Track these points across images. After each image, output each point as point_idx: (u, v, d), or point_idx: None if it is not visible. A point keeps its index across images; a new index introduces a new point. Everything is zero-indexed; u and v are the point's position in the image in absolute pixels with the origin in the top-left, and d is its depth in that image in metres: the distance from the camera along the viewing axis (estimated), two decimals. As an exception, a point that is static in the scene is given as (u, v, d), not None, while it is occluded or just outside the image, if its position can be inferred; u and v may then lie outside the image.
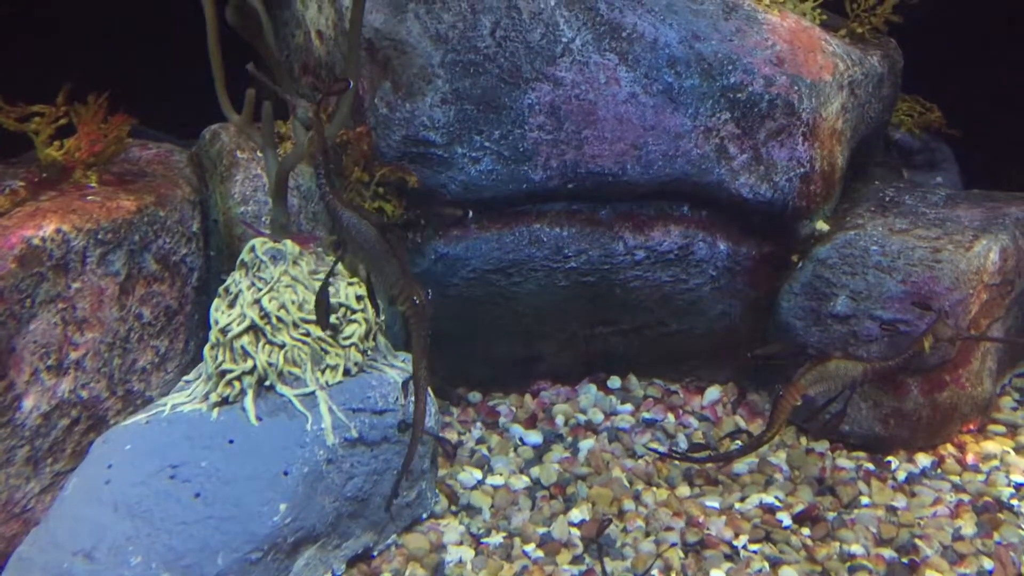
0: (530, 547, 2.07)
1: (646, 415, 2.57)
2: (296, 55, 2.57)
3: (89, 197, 1.88)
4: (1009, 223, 2.55)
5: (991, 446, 2.48)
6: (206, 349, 1.87)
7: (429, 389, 2.01)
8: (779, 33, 2.52)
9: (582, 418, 2.55)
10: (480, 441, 2.44)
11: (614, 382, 2.67)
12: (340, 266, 2.02)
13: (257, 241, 1.93)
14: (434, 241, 2.40)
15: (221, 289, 1.91)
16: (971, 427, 2.54)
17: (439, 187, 2.36)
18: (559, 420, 2.54)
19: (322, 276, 1.95)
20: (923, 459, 2.43)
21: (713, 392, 2.66)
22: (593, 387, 2.64)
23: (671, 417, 2.57)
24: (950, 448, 2.47)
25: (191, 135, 2.57)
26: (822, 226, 2.59)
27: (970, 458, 2.45)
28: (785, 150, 2.49)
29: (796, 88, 2.47)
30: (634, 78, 2.41)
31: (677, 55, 2.43)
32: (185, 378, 1.95)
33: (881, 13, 2.76)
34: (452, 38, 2.32)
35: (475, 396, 2.61)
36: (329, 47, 2.45)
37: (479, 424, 2.50)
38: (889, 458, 2.43)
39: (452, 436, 2.44)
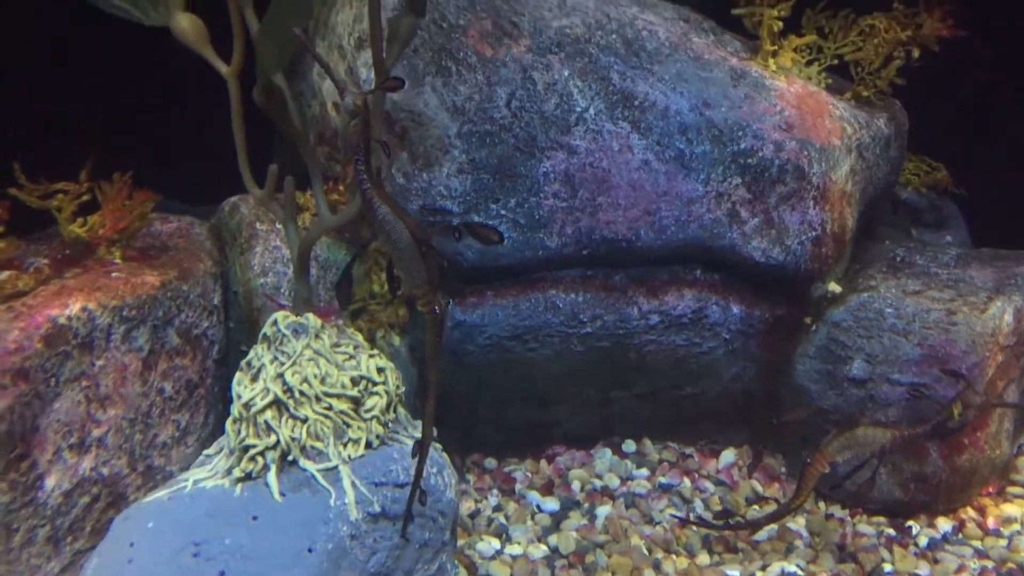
0: (551, 620, 2.05)
1: (662, 479, 2.56)
2: (312, 125, 2.61)
3: (114, 274, 1.90)
4: (1022, 283, 2.57)
5: (1011, 509, 2.47)
6: (228, 423, 1.87)
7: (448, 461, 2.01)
8: (787, 99, 2.57)
9: (598, 483, 2.53)
10: (497, 509, 2.43)
11: (629, 446, 2.66)
12: (362, 337, 2.03)
13: (279, 315, 1.94)
14: (451, 309, 2.42)
15: (243, 363, 1.92)
16: (990, 490, 2.52)
17: (456, 255, 2.39)
18: (575, 486, 2.52)
19: (344, 349, 1.96)
20: (944, 524, 2.41)
21: (728, 455, 2.65)
22: (608, 451, 2.63)
23: (687, 481, 2.56)
24: (970, 512, 2.46)
25: (209, 199, 2.61)
26: (834, 287, 2.61)
27: (991, 522, 2.43)
28: (796, 214, 2.52)
29: (806, 153, 2.51)
30: (647, 145, 2.45)
31: (688, 122, 2.47)
32: (206, 452, 1.94)
33: (885, 76, 2.81)
34: (469, 109, 2.36)
35: (491, 462, 2.60)
36: (345, 118, 2.50)
37: (495, 491, 2.49)
38: (910, 523, 2.41)
39: (469, 504, 2.42)
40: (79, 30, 2.21)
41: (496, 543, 2.29)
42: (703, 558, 2.28)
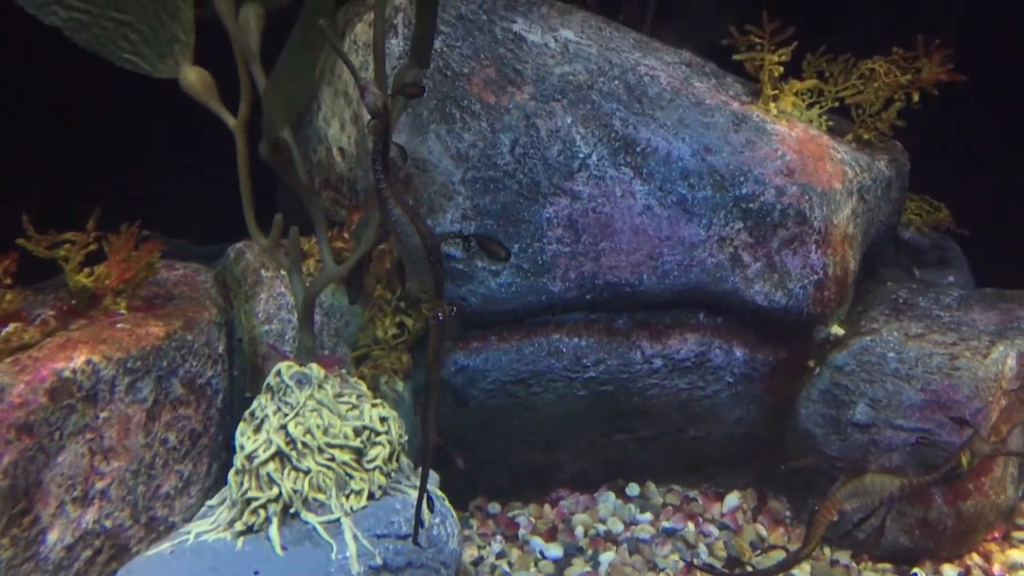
0: (555, 672, 2.03)
1: (666, 524, 2.54)
2: (318, 169, 2.63)
3: (119, 325, 1.91)
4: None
5: (1017, 555, 2.45)
6: (231, 474, 1.87)
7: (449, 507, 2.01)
8: (788, 143, 2.59)
9: (602, 528, 2.52)
10: (500, 555, 2.42)
11: (633, 489, 2.65)
12: (365, 387, 2.04)
13: (283, 365, 1.95)
14: (454, 353, 2.42)
15: (247, 413, 1.92)
16: (996, 535, 2.51)
17: (459, 300, 2.39)
18: (579, 531, 2.51)
19: (347, 399, 1.96)
20: (950, 570, 2.39)
21: (732, 499, 2.64)
22: (612, 495, 2.63)
23: (691, 526, 2.55)
24: (976, 558, 2.44)
25: (220, 238, 2.62)
26: (837, 330, 2.61)
27: (997, 568, 2.41)
28: (798, 258, 2.52)
29: (807, 197, 2.53)
30: (649, 191, 2.47)
31: (690, 168, 2.49)
32: (208, 503, 1.94)
33: (886, 118, 2.82)
34: (472, 156, 2.38)
35: (495, 507, 2.59)
36: (351, 163, 2.52)
37: (499, 537, 2.48)
38: (915, 570, 2.40)
39: (472, 551, 2.41)
40: (86, 76, 2.23)
41: (499, 591, 2.28)
42: (708, 606, 2.27)
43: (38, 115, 2.58)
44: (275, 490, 1.80)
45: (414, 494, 1.99)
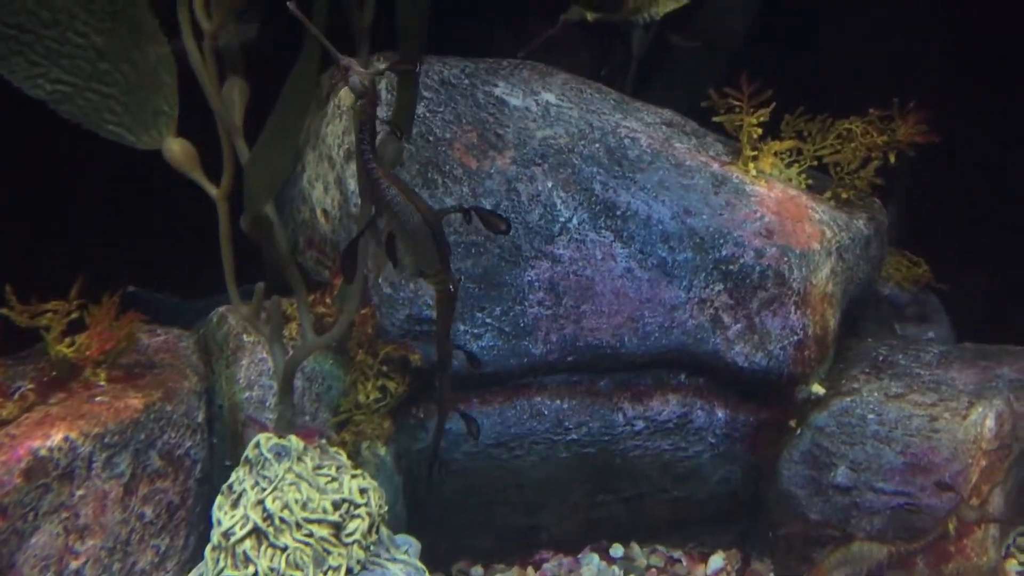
0: None
1: (651, 586, 2.54)
2: (301, 229, 2.65)
3: (98, 398, 1.91)
4: (1002, 385, 2.59)
5: (1001, 617, 2.45)
6: (207, 550, 1.86)
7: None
8: (767, 205, 2.62)
9: (586, 591, 2.51)
10: (483, 620, 2.40)
11: (616, 550, 2.65)
12: (345, 456, 2.03)
13: (262, 437, 1.95)
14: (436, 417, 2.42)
15: (225, 487, 1.92)
16: (979, 597, 2.50)
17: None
18: (563, 594, 2.50)
19: (327, 471, 1.96)
20: (933, 634, 2.39)
21: (717, 560, 2.64)
22: (595, 556, 2.62)
23: (676, 588, 2.54)
24: (960, 621, 2.43)
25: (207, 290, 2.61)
26: (818, 389, 2.62)
27: (981, 631, 2.41)
28: (778, 319, 2.54)
29: (786, 259, 2.55)
30: (629, 253, 2.49)
31: (670, 230, 2.52)
32: (185, 577, 1.93)
33: (864, 176, 2.85)
34: (454, 221, 2.40)
35: (477, 570, 2.58)
36: (334, 225, 2.54)
37: (482, 601, 2.47)
38: (899, 634, 2.39)
39: (455, 617, 2.40)
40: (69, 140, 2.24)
41: (481, 659, 2.26)
42: (690, 674, 2.25)
43: (21, 180, 2.60)
44: (251, 568, 1.79)
45: (393, 567, 1.98)
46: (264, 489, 1.86)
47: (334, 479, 1.94)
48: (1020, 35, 3.18)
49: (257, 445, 1.93)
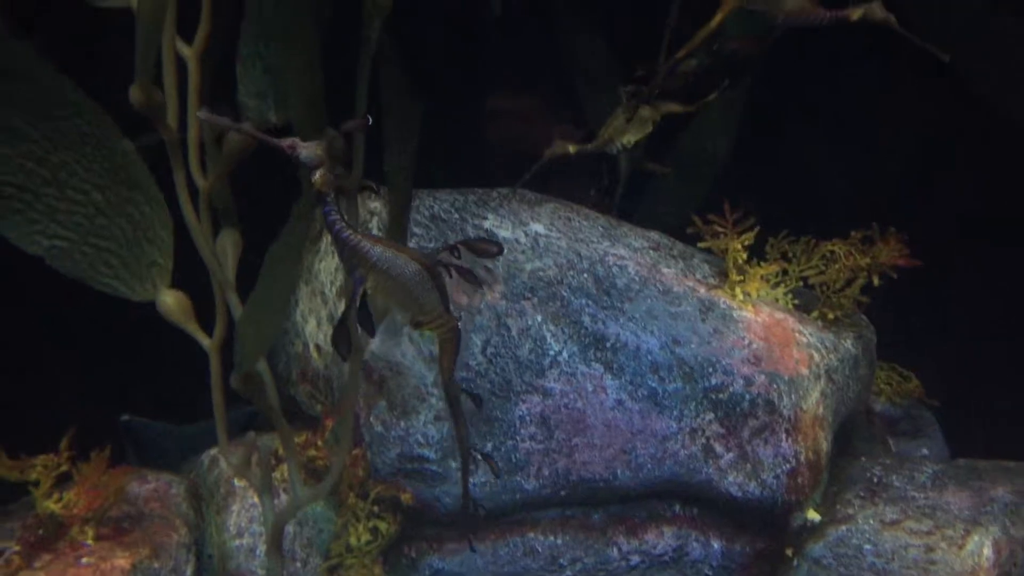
0: None
1: None
2: (295, 362, 2.67)
3: (84, 559, 1.89)
4: (998, 510, 2.58)
5: None
6: None
7: None
8: (754, 330, 2.65)
9: None
10: None
11: None
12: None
13: (251, 595, 1.93)
14: (429, 556, 2.41)
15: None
16: None
17: (433, 501, 2.39)
18: None
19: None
20: None
21: None
22: None
23: None
24: None
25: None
26: (813, 515, 2.61)
27: None
28: (770, 448, 2.55)
29: (775, 386, 2.57)
30: (620, 385, 2.51)
31: (659, 361, 2.54)
32: None
33: (850, 295, 2.89)
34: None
35: None
36: (327, 360, 2.56)
37: None
38: None
39: None
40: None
41: None
42: None
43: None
44: None
45: None
46: (253, 654, 1.84)
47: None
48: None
49: (246, 605, 1.91)
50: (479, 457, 1.98)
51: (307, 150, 1.54)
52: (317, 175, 1.54)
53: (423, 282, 1.65)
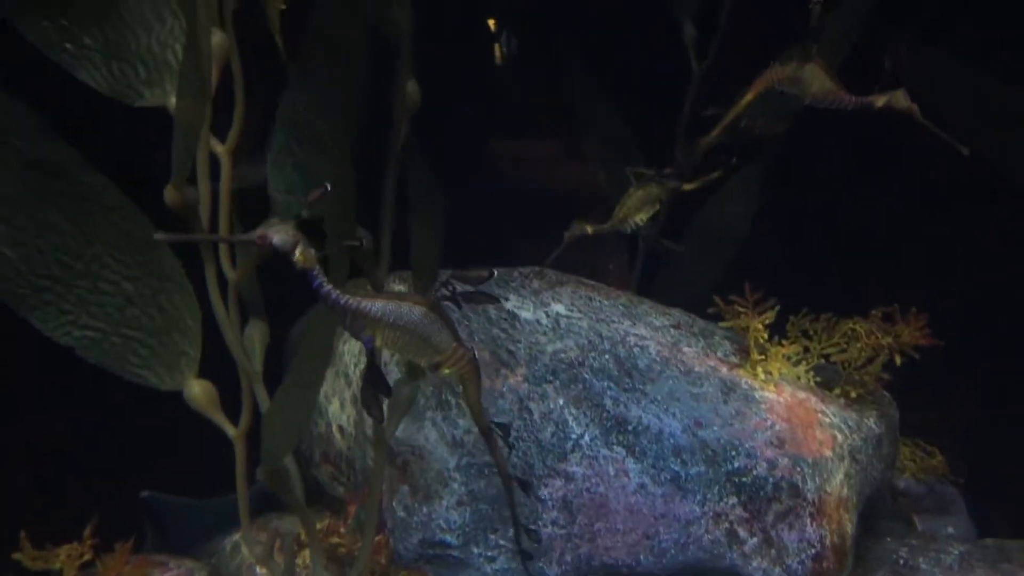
0: None
1: None
2: (317, 443, 2.68)
3: (107, 658, 1.90)
4: (1027, 597, 2.54)
5: None
6: None
7: None
8: (777, 411, 2.64)
9: None
10: None
11: None
12: None
13: None
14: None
15: None
16: None
17: (454, 588, 2.38)
18: None
19: None
20: None
21: None
22: None
23: None
24: None
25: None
26: (839, 601, 2.57)
27: None
28: (794, 532, 2.52)
29: (799, 468, 2.55)
30: (642, 469, 2.50)
31: (682, 444, 2.53)
32: None
33: (872, 372, 2.89)
34: (467, 443, 2.43)
35: None
36: (349, 442, 2.57)
37: None
38: None
39: None
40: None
41: None
42: None
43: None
44: None
45: None
46: None
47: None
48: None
49: None
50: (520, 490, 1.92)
51: (279, 235, 1.54)
52: (297, 254, 1.54)
53: (431, 324, 1.63)
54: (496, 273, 1.80)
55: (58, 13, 2.01)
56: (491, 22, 3.21)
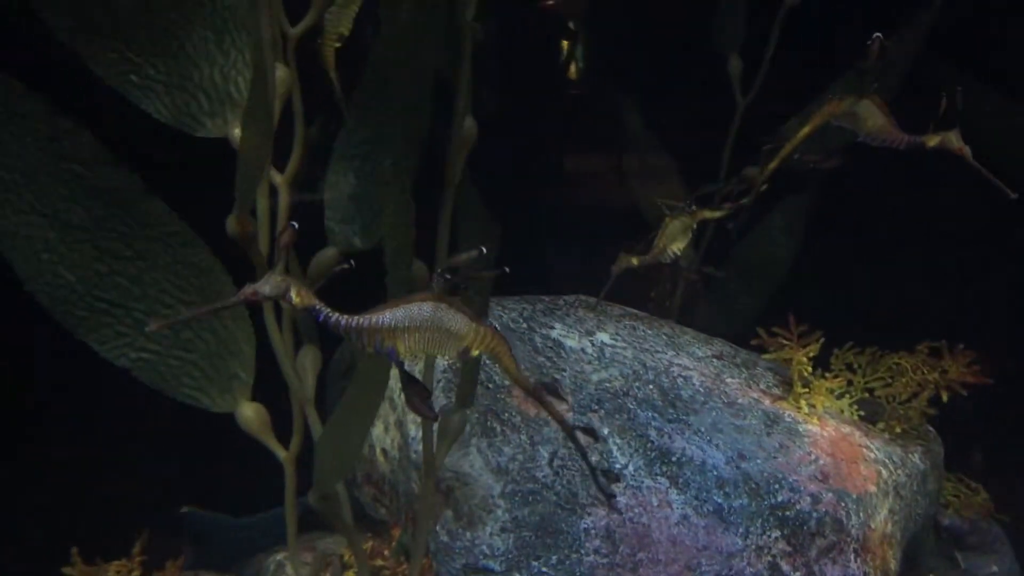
0: None
1: None
2: (360, 465, 2.71)
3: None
4: (1077, 642, 2.49)
5: None
6: None
7: None
8: (821, 446, 2.63)
9: None
10: None
11: None
12: None
13: None
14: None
15: None
16: None
17: (495, 616, 2.39)
18: None
19: None
20: None
21: None
22: None
23: None
24: None
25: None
26: (883, 639, 2.54)
27: None
28: (838, 567, 2.50)
29: (843, 504, 2.53)
30: (685, 500, 2.49)
31: (725, 476, 2.53)
32: None
33: (917, 406, 2.86)
34: (512, 469, 2.45)
35: None
36: (393, 465, 2.60)
37: None
38: None
39: None
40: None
41: None
42: None
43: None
44: None
45: None
46: None
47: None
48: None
49: None
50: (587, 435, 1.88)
51: (268, 286, 1.54)
52: (293, 296, 1.54)
53: (444, 313, 1.62)
54: (485, 250, 1.77)
55: (124, 46, 2.07)
56: (564, 43, 3.26)
